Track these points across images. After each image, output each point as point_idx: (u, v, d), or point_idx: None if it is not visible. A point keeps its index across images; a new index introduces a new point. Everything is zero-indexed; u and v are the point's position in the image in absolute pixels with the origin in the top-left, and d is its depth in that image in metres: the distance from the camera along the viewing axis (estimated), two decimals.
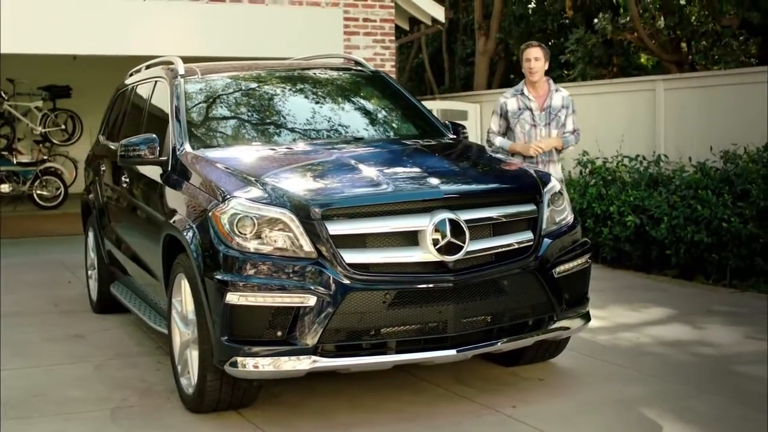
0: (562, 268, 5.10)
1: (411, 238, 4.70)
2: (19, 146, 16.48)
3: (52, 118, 16.84)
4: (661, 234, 8.75)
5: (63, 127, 17.01)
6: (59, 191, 15.96)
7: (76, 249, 10.73)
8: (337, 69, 7.03)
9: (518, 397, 5.20)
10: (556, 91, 7.30)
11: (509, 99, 7.34)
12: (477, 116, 14.05)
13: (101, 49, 11.97)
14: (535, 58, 7.21)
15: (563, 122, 7.29)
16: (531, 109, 7.23)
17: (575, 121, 7.38)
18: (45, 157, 16.37)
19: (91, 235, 8.00)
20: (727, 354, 6.12)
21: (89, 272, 8.09)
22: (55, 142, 16.92)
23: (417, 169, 5.26)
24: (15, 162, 15.88)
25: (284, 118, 6.26)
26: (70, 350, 6.53)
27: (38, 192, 15.80)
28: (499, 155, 6.44)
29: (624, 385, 5.43)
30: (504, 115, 7.34)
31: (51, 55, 12.87)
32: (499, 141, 7.33)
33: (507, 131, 7.34)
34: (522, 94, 7.29)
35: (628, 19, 14.51)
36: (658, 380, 5.51)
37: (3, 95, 16.16)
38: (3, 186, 15.71)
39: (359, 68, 6.97)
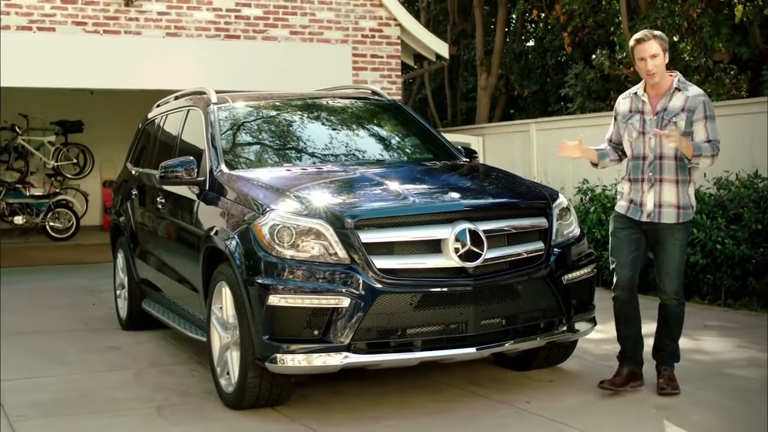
0: (570, 275, 5.60)
1: (434, 246, 5.19)
2: (32, 179, 16.93)
3: (64, 152, 17.30)
4: None
5: (75, 161, 17.49)
6: (71, 223, 16.39)
7: (94, 275, 11.27)
8: (358, 98, 7.56)
9: (531, 395, 5.67)
10: (680, 90, 5.60)
11: (623, 99, 5.86)
12: (480, 148, 14.56)
13: (118, 84, 12.49)
14: (651, 56, 5.57)
15: (684, 130, 5.50)
16: (642, 113, 5.67)
17: (711, 129, 5.53)
18: (57, 190, 16.83)
19: (120, 256, 8.45)
20: (720, 360, 6.61)
21: (118, 292, 8.52)
22: (67, 175, 17.37)
23: (438, 185, 5.80)
24: (28, 195, 16.31)
25: (311, 141, 6.80)
26: (108, 360, 6.98)
27: (51, 224, 16.23)
28: (511, 172, 6.54)
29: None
30: (618, 119, 5.89)
31: (65, 90, 13.40)
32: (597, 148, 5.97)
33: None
34: (636, 94, 5.77)
35: (624, 54, 15.03)
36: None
37: (17, 130, 16.65)
38: (17, 218, 16.15)
39: (377, 98, 7.50)
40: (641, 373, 5.76)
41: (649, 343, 5.86)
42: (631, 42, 5.73)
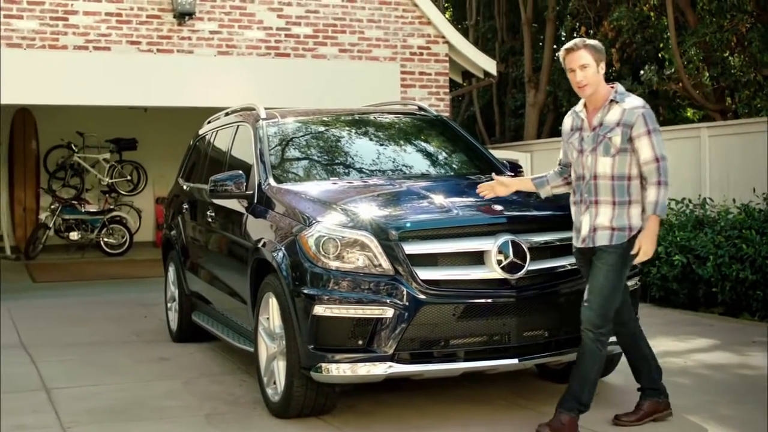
0: None
1: (477, 258, 5.27)
2: (87, 196, 17.30)
3: (118, 169, 17.66)
4: (707, 272, 9.14)
5: (129, 178, 17.85)
6: (125, 239, 16.70)
7: (145, 289, 11.47)
8: (404, 114, 7.67)
9: None
10: (616, 102, 5.13)
11: (567, 118, 5.48)
12: (528, 164, 14.61)
13: (171, 102, 12.72)
14: (581, 67, 5.14)
15: (620, 147, 5.04)
16: (581, 129, 5.25)
17: (657, 144, 5.02)
18: (111, 207, 17.16)
19: (171, 269, 8.62)
20: (765, 374, 6.57)
21: (169, 304, 8.69)
22: (121, 192, 17.71)
23: (481, 198, 5.84)
24: (83, 211, 16.66)
25: (357, 156, 6.92)
26: (159, 370, 7.14)
27: (105, 240, 16.56)
28: None
29: (671, 398, 5.84)
30: (564, 138, 5.48)
31: (120, 108, 13.65)
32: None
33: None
34: (576, 111, 5.39)
35: (673, 70, 15.01)
36: (702, 394, 5.99)
37: (73, 148, 17.03)
38: (72, 233, 16.49)
39: (423, 113, 7.59)
40: (666, 401, 5.44)
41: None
42: (561, 51, 5.27)
